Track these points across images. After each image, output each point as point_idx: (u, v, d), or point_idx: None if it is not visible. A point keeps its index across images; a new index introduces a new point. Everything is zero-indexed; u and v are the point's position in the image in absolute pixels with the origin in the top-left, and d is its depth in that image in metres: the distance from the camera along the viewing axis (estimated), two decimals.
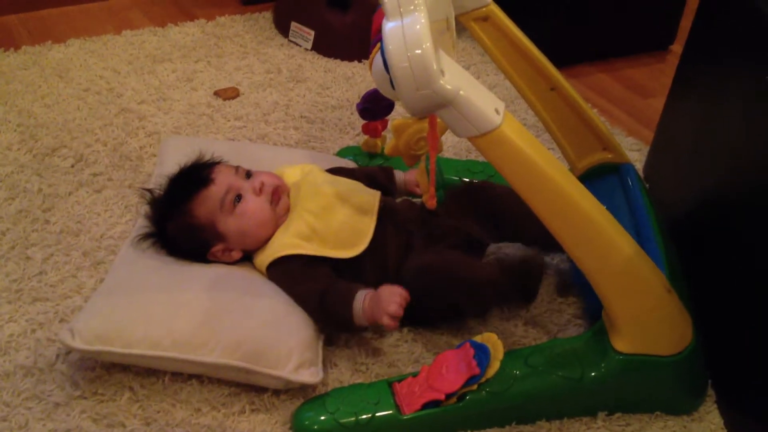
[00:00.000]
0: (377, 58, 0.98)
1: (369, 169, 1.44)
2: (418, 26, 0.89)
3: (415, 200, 1.36)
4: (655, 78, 2.09)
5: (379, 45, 0.98)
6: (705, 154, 1.33)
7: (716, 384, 1.18)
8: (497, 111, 0.94)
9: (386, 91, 0.99)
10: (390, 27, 0.90)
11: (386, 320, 1.12)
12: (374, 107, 1.45)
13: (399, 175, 1.42)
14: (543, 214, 1.01)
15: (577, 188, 1.00)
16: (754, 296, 1.13)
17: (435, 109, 0.92)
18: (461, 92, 0.91)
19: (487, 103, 0.93)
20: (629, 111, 1.94)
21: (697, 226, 1.33)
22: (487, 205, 1.31)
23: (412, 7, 0.90)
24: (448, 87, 0.90)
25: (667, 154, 1.52)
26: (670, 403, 1.15)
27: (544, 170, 0.97)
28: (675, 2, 2.12)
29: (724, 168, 1.26)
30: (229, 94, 1.79)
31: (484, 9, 1.21)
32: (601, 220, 1.02)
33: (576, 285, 1.31)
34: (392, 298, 1.12)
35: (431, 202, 1.12)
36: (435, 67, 0.89)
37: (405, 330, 1.23)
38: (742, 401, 1.15)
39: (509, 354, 1.10)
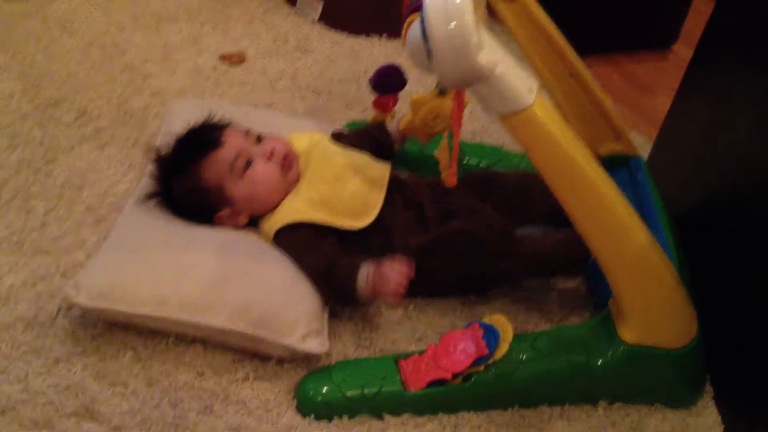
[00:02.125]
0: (413, 27, 0.96)
1: (362, 129, 1.43)
2: None
3: (424, 177, 1.36)
4: (657, 75, 2.09)
5: (415, 15, 0.97)
6: (712, 154, 1.33)
7: (714, 380, 1.19)
8: (530, 90, 0.93)
9: (420, 61, 0.97)
10: None
11: (389, 298, 1.11)
12: (387, 82, 1.43)
13: (392, 126, 1.40)
14: (564, 196, 1.00)
15: (600, 174, 1.00)
16: (752, 293, 1.14)
17: (470, 83, 0.91)
18: (498, 69, 0.90)
19: (521, 81, 0.93)
20: (631, 106, 1.94)
21: (698, 222, 1.33)
22: (500, 191, 1.31)
23: None
24: (486, 62, 0.89)
25: (672, 151, 1.52)
26: (670, 396, 1.15)
27: (570, 153, 0.97)
28: (680, 2, 2.13)
29: (731, 168, 1.27)
30: (235, 59, 1.77)
31: None
32: (621, 209, 1.02)
33: (585, 272, 1.31)
34: (393, 275, 1.11)
35: (452, 180, 1.11)
36: (475, 40, 0.88)
37: (410, 307, 1.23)
38: (739, 397, 1.16)
39: (515, 338, 1.10)
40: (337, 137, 1.36)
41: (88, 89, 1.58)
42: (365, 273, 1.14)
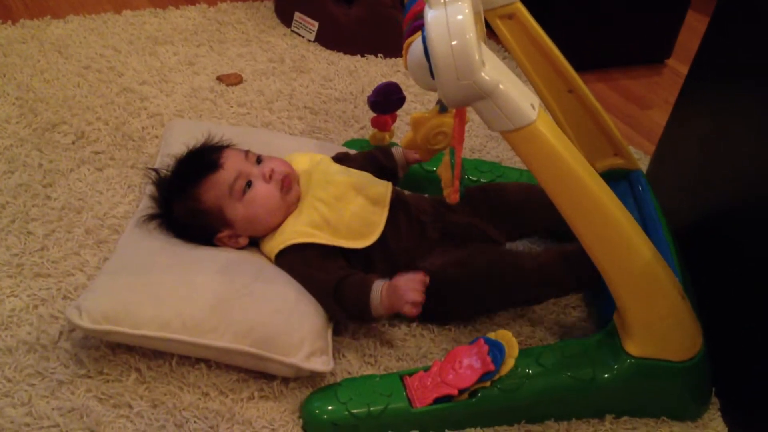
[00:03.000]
0: (415, 46, 0.97)
1: (367, 152, 1.43)
2: (461, 16, 0.88)
3: (427, 195, 1.36)
4: (652, 90, 2.11)
5: (417, 33, 0.98)
6: (710, 166, 1.34)
7: (720, 392, 1.19)
8: (533, 106, 0.94)
9: (422, 80, 0.98)
10: (433, 15, 0.89)
11: (407, 308, 1.11)
12: (385, 100, 1.44)
13: (397, 151, 1.40)
14: (567, 211, 1.01)
15: (603, 189, 1.00)
16: (756, 305, 1.14)
17: (473, 101, 0.92)
18: (501, 85, 0.90)
19: (523, 97, 0.93)
20: (627, 121, 1.95)
21: (700, 235, 1.34)
22: (500, 204, 1.31)
23: None
24: (488, 79, 0.89)
25: (671, 165, 1.53)
26: (676, 409, 1.15)
27: (573, 168, 0.97)
28: (673, 17, 2.14)
29: (730, 180, 1.27)
30: (232, 80, 1.77)
31: (510, 6, 1.21)
32: (624, 222, 1.02)
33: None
34: (411, 284, 1.12)
35: (454, 197, 1.12)
36: (477, 57, 0.88)
37: (413, 325, 1.22)
38: (746, 409, 1.16)
39: (521, 353, 1.09)
40: (341, 159, 1.36)
41: (85, 112, 1.58)
42: (379, 288, 1.15)
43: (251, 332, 1.08)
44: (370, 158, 1.38)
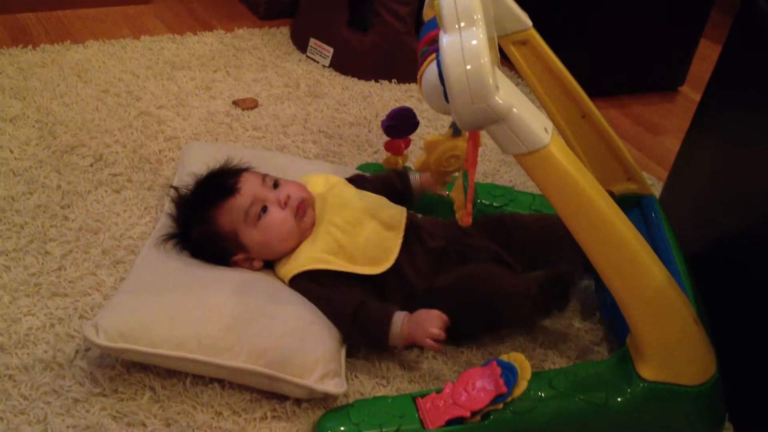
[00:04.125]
0: (429, 70, 0.98)
1: (383, 174, 1.44)
2: (475, 41, 0.90)
3: (441, 219, 1.37)
4: (665, 117, 2.12)
5: (432, 57, 0.99)
6: (723, 193, 1.34)
7: (734, 417, 1.19)
8: (546, 130, 0.95)
9: (436, 103, 0.99)
10: (448, 40, 0.91)
11: (429, 342, 1.13)
12: (399, 125, 1.45)
13: (414, 177, 1.42)
14: (581, 235, 1.01)
15: (616, 212, 1.01)
16: None
17: (486, 124, 0.93)
18: (514, 109, 0.91)
19: (537, 121, 0.94)
20: (640, 147, 1.96)
21: (712, 261, 1.34)
22: (516, 234, 1.32)
23: (471, 22, 0.91)
24: (502, 103, 0.91)
25: (683, 191, 1.53)
26: None
27: (586, 191, 0.98)
28: (686, 45, 2.16)
29: (743, 207, 1.27)
30: (248, 104, 1.79)
31: (524, 32, 1.23)
32: (638, 246, 1.02)
33: (602, 311, 1.32)
34: (433, 320, 1.14)
35: (467, 219, 1.12)
36: (491, 82, 0.89)
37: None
38: None
39: (534, 376, 1.10)
40: (356, 182, 1.38)
41: (103, 135, 1.60)
42: (400, 319, 1.16)
43: (266, 353, 1.09)
44: (385, 181, 1.39)
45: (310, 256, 1.22)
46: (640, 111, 2.13)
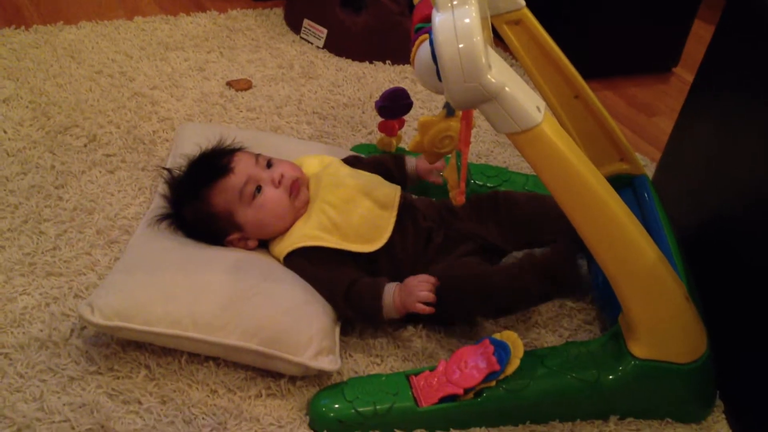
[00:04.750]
0: (422, 49, 0.99)
1: (380, 156, 1.44)
2: (468, 19, 0.90)
3: (434, 200, 1.37)
4: (658, 98, 2.12)
5: (424, 36, 0.99)
6: (716, 174, 1.35)
7: (724, 394, 1.20)
8: (538, 109, 0.95)
9: (429, 82, 1.00)
10: (440, 18, 0.91)
11: (420, 306, 1.13)
12: (393, 106, 1.46)
13: (410, 162, 1.42)
14: (573, 213, 1.02)
15: (608, 191, 1.01)
16: (762, 310, 1.15)
17: (479, 103, 0.93)
18: (507, 88, 0.92)
19: (529, 100, 0.94)
20: (633, 128, 1.96)
21: (704, 241, 1.35)
22: (508, 212, 1.32)
23: (464, 1, 0.91)
24: (495, 81, 0.91)
25: (676, 172, 1.54)
26: (680, 411, 1.16)
27: (579, 170, 0.99)
28: (680, 26, 2.16)
29: (736, 187, 1.28)
30: (241, 85, 1.79)
31: (517, 12, 1.23)
32: (629, 225, 1.03)
33: (594, 289, 1.33)
34: (421, 285, 1.14)
35: (460, 198, 1.13)
36: (484, 60, 0.89)
37: (420, 326, 1.24)
38: (750, 412, 1.17)
39: (526, 354, 1.10)
40: (351, 162, 1.38)
41: (97, 116, 1.60)
42: (391, 291, 1.16)
43: (260, 331, 1.09)
44: (380, 164, 1.39)
45: (303, 234, 1.22)
46: (634, 92, 2.13)
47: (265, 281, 1.16)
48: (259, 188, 1.24)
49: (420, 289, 1.14)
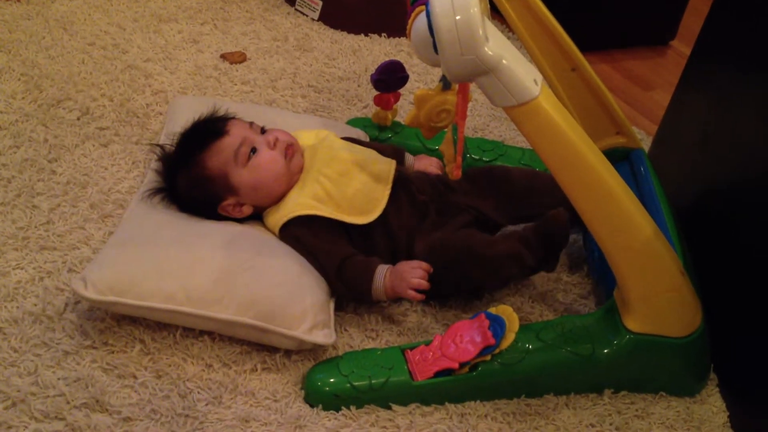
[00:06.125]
0: (419, 21, 0.98)
1: (381, 146, 1.44)
2: None
3: (428, 173, 1.37)
4: (655, 71, 2.11)
5: (421, 8, 0.98)
6: (713, 147, 1.35)
7: (718, 368, 1.21)
8: (536, 82, 0.94)
9: (426, 56, 0.99)
10: None
11: (411, 293, 1.13)
12: (388, 79, 1.45)
13: (408, 158, 1.42)
14: (569, 187, 1.02)
15: (605, 165, 1.01)
16: (755, 283, 1.15)
17: (476, 76, 0.92)
18: (504, 60, 0.91)
19: (526, 73, 0.94)
20: (630, 102, 1.96)
21: (700, 214, 1.35)
22: (503, 186, 1.32)
23: None
24: (492, 54, 0.90)
25: (673, 146, 1.53)
26: (674, 385, 1.17)
27: (575, 144, 0.98)
28: None
29: (732, 160, 1.28)
30: (236, 58, 1.78)
31: None
32: (625, 199, 1.03)
33: (590, 263, 1.33)
34: (414, 271, 1.14)
35: (456, 173, 1.13)
36: (481, 33, 0.89)
37: (415, 301, 1.23)
38: (744, 385, 1.18)
39: (521, 328, 1.11)
40: (352, 141, 1.37)
41: (90, 88, 1.59)
42: (382, 273, 1.16)
43: (254, 305, 1.09)
44: (381, 151, 1.37)
45: (298, 202, 1.22)
46: (631, 65, 2.12)
47: (259, 255, 1.16)
48: (254, 150, 1.23)
49: (413, 275, 1.14)
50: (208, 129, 1.25)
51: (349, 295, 1.20)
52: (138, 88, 1.62)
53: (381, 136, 1.52)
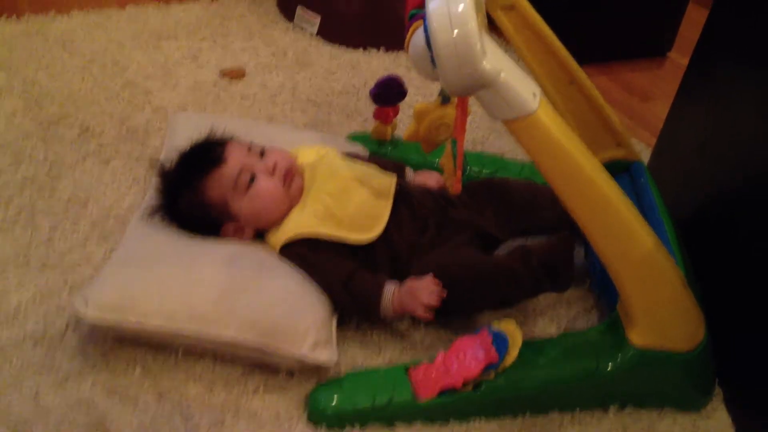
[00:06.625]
0: (417, 36, 0.97)
1: (382, 160, 1.43)
2: (462, 5, 0.88)
3: (429, 188, 1.36)
4: (653, 83, 2.11)
5: (419, 23, 0.98)
6: (712, 158, 1.34)
7: (723, 382, 1.20)
8: (534, 95, 0.94)
9: (423, 69, 0.98)
10: (434, 5, 0.89)
11: (422, 311, 1.13)
12: (387, 93, 1.45)
13: (409, 173, 1.41)
14: (569, 201, 1.01)
15: (605, 178, 1.01)
16: (759, 294, 1.15)
17: (475, 90, 0.92)
18: (502, 74, 0.91)
19: (525, 86, 0.93)
20: (629, 113, 1.95)
21: (701, 226, 1.34)
22: (503, 198, 1.31)
23: None
24: (490, 68, 0.90)
25: (672, 157, 1.53)
26: (680, 399, 1.15)
27: (575, 157, 0.98)
28: (674, 10, 2.14)
29: (732, 171, 1.27)
30: (235, 73, 1.78)
31: None
32: (625, 211, 1.02)
33: (592, 277, 1.32)
34: (427, 289, 1.13)
35: (456, 187, 1.12)
36: (479, 47, 0.88)
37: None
38: (750, 399, 1.17)
39: (525, 344, 1.10)
40: (353, 157, 1.36)
41: (90, 106, 1.59)
42: (391, 290, 1.15)
43: (256, 324, 1.08)
44: (382, 166, 1.36)
45: (299, 222, 1.21)
46: (629, 77, 2.12)
47: (260, 274, 1.15)
48: (253, 177, 1.22)
49: (424, 294, 1.13)
50: (207, 155, 1.24)
51: (355, 310, 1.19)
52: (138, 104, 1.62)
53: (381, 151, 1.51)
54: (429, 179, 1.40)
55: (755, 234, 1.17)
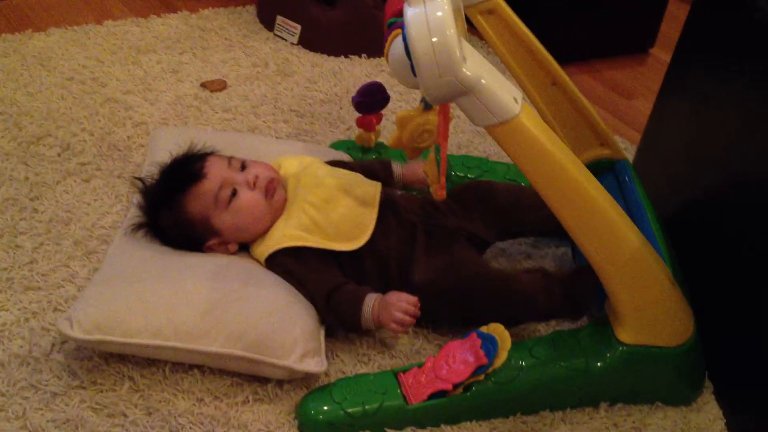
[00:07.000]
0: (396, 44, 0.97)
1: (367, 162, 1.43)
2: (440, 12, 0.89)
3: (415, 194, 1.36)
4: (636, 79, 2.11)
5: (397, 31, 0.98)
6: (696, 155, 1.35)
7: (713, 375, 1.20)
8: (516, 100, 0.94)
9: (404, 78, 0.98)
10: (412, 12, 0.89)
11: (393, 326, 1.12)
12: (370, 100, 1.45)
13: (397, 168, 1.41)
14: (554, 203, 1.01)
15: (589, 179, 1.01)
16: (745, 288, 1.15)
17: (455, 97, 0.92)
18: (483, 80, 0.91)
19: (506, 91, 0.93)
20: (612, 111, 1.96)
21: (687, 223, 1.34)
22: (488, 201, 1.31)
23: None
24: (470, 74, 0.90)
25: (657, 154, 1.53)
26: (670, 394, 1.16)
27: (558, 160, 0.98)
28: (655, 6, 2.15)
29: (716, 167, 1.28)
30: (216, 86, 1.77)
31: (490, 2, 1.21)
32: (611, 211, 1.03)
33: None
34: (399, 304, 1.12)
35: (441, 193, 1.12)
36: (458, 54, 0.88)
37: None
38: (739, 391, 1.17)
39: (514, 345, 1.10)
40: (337, 165, 1.35)
41: (70, 124, 1.58)
42: (371, 302, 1.15)
43: (243, 336, 1.08)
44: (369, 170, 1.37)
45: (284, 234, 1.21)
46: (612, 75, 2.12)
47: (246, 285, 1.14)
48: (234, 192, 1.22)
49: (396, 309, 1.12)
50: (187, 171, 1.23)
51: (338, 324, 1.18)
52: (118, 121, 1.61)
53: (365, 158, 1.51)
54: (418, 169, 1.39)
55: (741, 231, 1.18)
